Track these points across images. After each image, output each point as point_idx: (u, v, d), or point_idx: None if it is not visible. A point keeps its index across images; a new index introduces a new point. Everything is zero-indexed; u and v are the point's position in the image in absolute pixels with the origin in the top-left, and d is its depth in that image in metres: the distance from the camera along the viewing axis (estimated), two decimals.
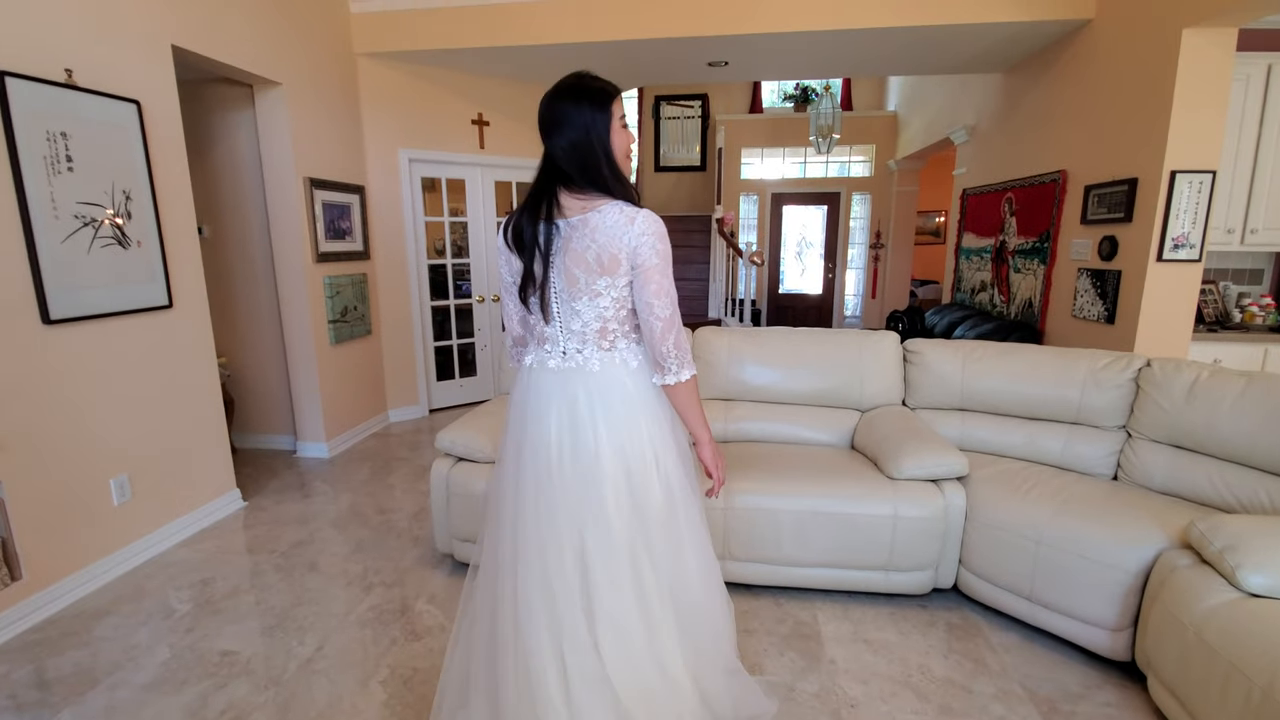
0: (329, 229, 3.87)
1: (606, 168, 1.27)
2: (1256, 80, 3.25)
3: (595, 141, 1.25)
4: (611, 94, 1.28)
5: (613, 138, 1.27)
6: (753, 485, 2.28)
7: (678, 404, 1.36)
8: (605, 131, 1.26)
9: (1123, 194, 3.19)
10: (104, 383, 2.49)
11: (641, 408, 1.33)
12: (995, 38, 3.87)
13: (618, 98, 1.29)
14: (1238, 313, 3.64)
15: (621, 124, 1.29)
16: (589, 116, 1.25)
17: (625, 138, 1.31)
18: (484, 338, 5.07)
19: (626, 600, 1.29)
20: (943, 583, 2.29)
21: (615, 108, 1.28)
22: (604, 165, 1.27)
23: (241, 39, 3.17)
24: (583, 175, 1.27)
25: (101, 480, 2.48)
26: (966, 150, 5.44)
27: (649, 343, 1.31)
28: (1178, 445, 2.22)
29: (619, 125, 1.29)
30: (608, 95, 1.27)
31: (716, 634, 1.48)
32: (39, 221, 2.20)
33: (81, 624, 2.21)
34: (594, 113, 1.25)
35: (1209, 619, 1.53)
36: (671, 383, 1.31)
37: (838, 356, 2.76)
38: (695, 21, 3.79)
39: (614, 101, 1.28)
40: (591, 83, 1.28)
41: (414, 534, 2.86)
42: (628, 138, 1.32)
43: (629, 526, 1.29)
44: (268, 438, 4.07)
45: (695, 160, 8.81)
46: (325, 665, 1.99)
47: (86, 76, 2.39)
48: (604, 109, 1.26)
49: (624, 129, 1.30)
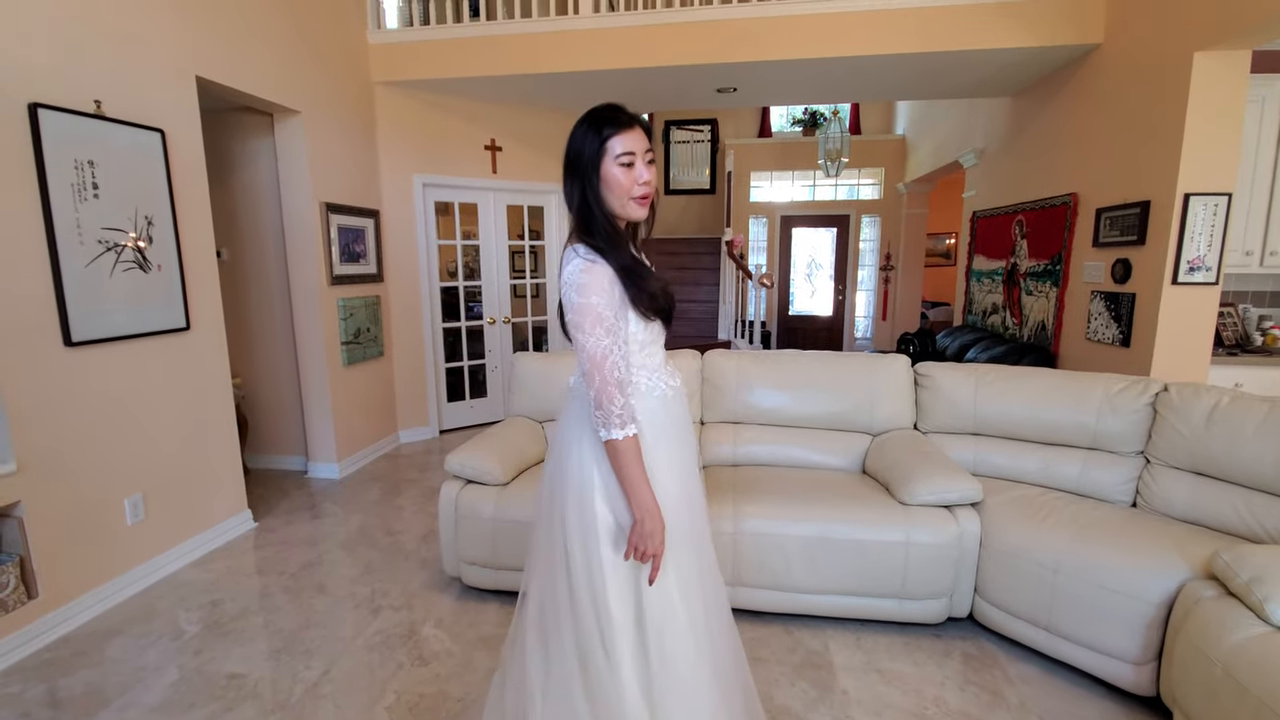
0: (344, 252, 3.93)
1: (579, 203, 1.22)
2: (1272, 102, 3.24)
3: (579, 174, 1.21)
4: (609, 127, 1.19)
5: (603, 171, 1.20)
6: (762, 510, 2.25)
7: (610, 464, 1.21)
8: (592, 166, 1.20)
9: (1135, 217, 3.18)
10: (122, 403, 2.52)
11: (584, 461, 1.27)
12: (1003, 63, 3.90)
13: (619, 133, 1.19)
14: (1259, 336, 3.58)
15: (621, 161, 1.19)
16: (579, 144, 1.20)
17: (623, 176, 1.19)
18: (495, 359, 5.10)
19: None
20: (958, 611, 2.24)
21: (614, 143, 1.18)
22: (576, 199, 1.22)
23: (263, 69, 3.27)
24: (568, 207, 1.25)
25: (116, 500, 2.51)
26: (976, 173, 5.45)
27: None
28: (1199, 472, 2.18)
29: (614, 161, 1.19)
30: (602, 127, 1.19)
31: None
32: (65, 247, 2.26)
33: (93, 644, 2.22)
34: (584, 142, 1.20)
35: (1238, 654, 1.48)
36: (603, 437, 1.19)
37: (848, 380, 2.75)
38: (704, 49, 3.86)
39: (614, 137, 1.18)
40: (597, 112, 1.21)
41: (422, 556, 2.86)
42: (627, 177, 1.19)
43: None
44: (279, 458, 4.10)
45: (705, 183, 8.89)
46: (331, 690, 1.97)
47: (114, 107, 2.47)
48: (598, 139, 1.19)
49: (626, 167, 1.19)
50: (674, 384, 1.36)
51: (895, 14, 3.65)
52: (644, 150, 1.21)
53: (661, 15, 3.86)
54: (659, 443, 1.28)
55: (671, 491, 1.27)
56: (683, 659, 1.25)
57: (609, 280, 1.18)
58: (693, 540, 1.32)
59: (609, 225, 1.24)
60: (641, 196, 1.22)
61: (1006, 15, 3.54)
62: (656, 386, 1.31)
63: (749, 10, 3.79)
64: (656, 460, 1.25)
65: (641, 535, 1.18)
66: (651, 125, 1.52)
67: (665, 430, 1.30)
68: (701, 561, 1.35)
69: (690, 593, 1.28)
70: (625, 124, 1.20)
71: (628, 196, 1.21)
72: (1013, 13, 3.53)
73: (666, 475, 1.27)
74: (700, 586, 1.32)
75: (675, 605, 1.25)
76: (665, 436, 1.30)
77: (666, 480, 1.26)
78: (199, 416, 2.91)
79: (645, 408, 1.27)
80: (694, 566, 1.31)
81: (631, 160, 1.20)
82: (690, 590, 1.29)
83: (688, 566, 1.29)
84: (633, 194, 1.21)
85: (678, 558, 1.26)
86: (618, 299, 1.20)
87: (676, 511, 1.26)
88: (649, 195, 1.24)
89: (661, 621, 1.24)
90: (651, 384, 1.30)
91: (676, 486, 1.29)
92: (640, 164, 1.21)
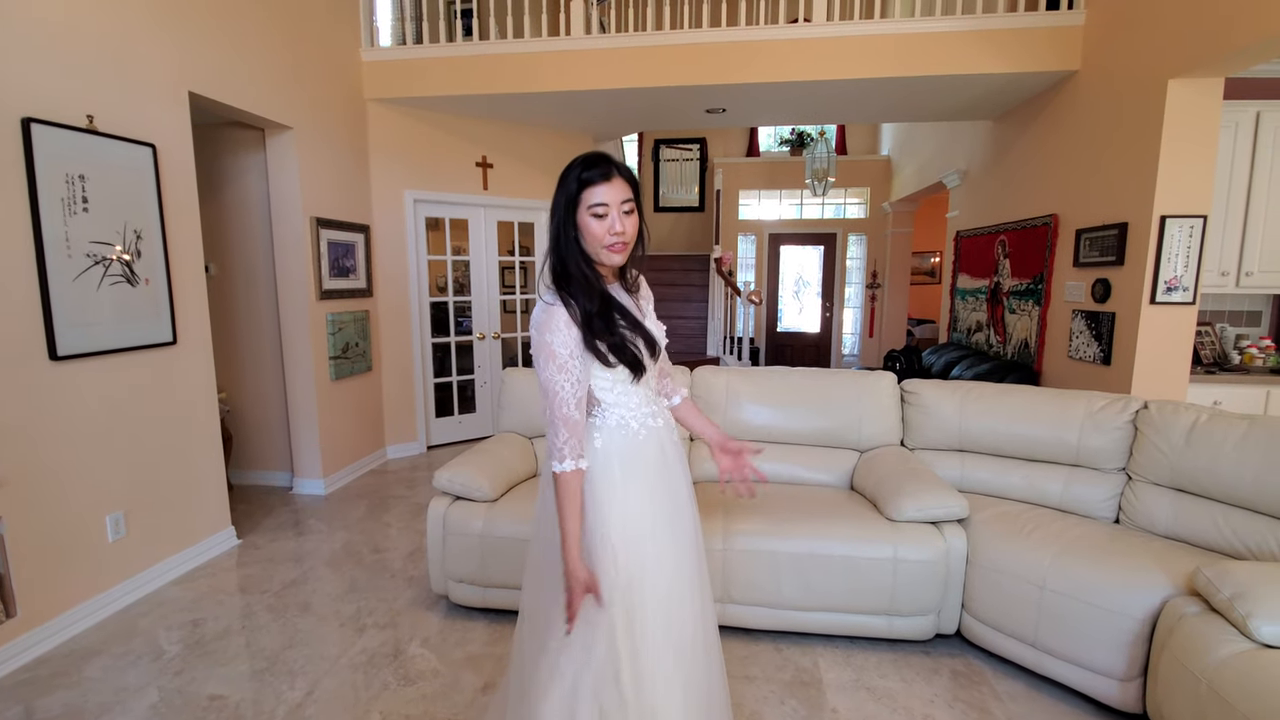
0: (333, 267, 3.93)
1: (553, 243, 1.27)
2: (1246, 127, 3.35)
3: (558, 216, 1.26)
4: (587, 174, 1.22)
5: (579, 219, 1.24)
6: (751, 526, 2.26)
7: (562, 516, 1.24)
8: (569, 212, 1.24)
9: (1114, 238, 3.25)
10: (106, 418, 2.49)
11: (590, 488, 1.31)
12: (984, 88, 4.00)
13: (596, 185, 1.21)
14: (1236, 354, 3.66)
15: (594, 212, 1.22)
16: (561, 188, 1.25)
17: (596, 226, 1.23)
18: (484, 374, 5.09)
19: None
20: (946, 628, 2.25)
21: (588, 193, 1.22)
22: (550, 240, 1.28)
23: (256, 85, 3.29)
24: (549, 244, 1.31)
25: (98, 517, 2.47)
26: (959, 194, 5.56)
27: None
28: (1180, 489, 2.21)
29: (587, 211, 1.22)
30: (581, 174, 1.22)
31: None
32: (53, 261, 2.25)
33: (72, 663, 2.17)
34: (565, 187, 1.24)
35: (1222, 670, 1.50)
36: (553, 469, 1.26)
37: (836, 396, 2.77)
38: (694, 71, 3.93)
39: (590, 187, 1.22)
40: (582, 160, 1.25)
41: (409, 574, 2.82)
42: (600, 226, 1.22)
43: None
44: (264, 474, 4.05)
45: (694, 201, 8.99)
46: (314, 711, 1.94)
47: (107, 121, 2.47)
48: (576, 186, 1.23)
49: (598, 218, 1.22)
50: (654, 424, 1.37)
51: (879, 39, 3.74)
52: (620, 201, 1.23)
53: (652, 37, 3.93)
54: (630, 479, 1.32)
55: (641, 529, 1.31)
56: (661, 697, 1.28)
57: (564, 322, 1.23)
58: (674, 569, 1.34)
59: (584, 269, 1.27)
60: (613, 245, 1.25)
61: (986, 42, 3.64)
62: (628, 425, 1.34)
63: (738, 34, 3.87)
64: (625, 495, 1.30)
65: (571, 581, 1.22)
66: (638, 176, 1.52)
67: (636, 468, 1.33)
68: (688, 606, 1.35)
69: (657, 640, 1.29)
70: (603, 174, 1.22)
71: (600, 245, 1.25)
72: (992, 39, 3.64)
73: (637, 511, 1.31)
74: (682, 634, 1.33)
75: (641, 650, 1.27)
76: (637, 474, 1.33)
77: (636, 516, 1.30)
78: (184, 432, 2.87)
79: (615, 444, 1.32)
80: (664, 608, 1.31)
81: (605, 211, 1.22)
82: (657, 638, 1.29)
83: (653, 609, 1.29)
84: (605, 243, 1.24)
85: (640, 598, 1.27)
86: (574, 341, 1.24)
87: (640, 544, 1.29)
88: (624, 245, 1.26)
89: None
90: (623, 421, 1.33)
91: (648, 524, 1.32)
92: (615, 215, 1.23)
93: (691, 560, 1.39)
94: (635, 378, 1.32)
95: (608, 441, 1.32)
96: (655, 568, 1.31)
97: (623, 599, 1.25)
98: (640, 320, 1.34)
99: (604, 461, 1.30)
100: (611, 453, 1.32)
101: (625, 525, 1.29)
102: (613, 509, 1.29)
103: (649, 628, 1.28)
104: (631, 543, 1.28)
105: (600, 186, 1.22)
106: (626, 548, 1.28)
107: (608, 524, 1.28)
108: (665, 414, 1.44)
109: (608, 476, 1.30)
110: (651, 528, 1.32)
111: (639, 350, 1.30)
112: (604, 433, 1.33)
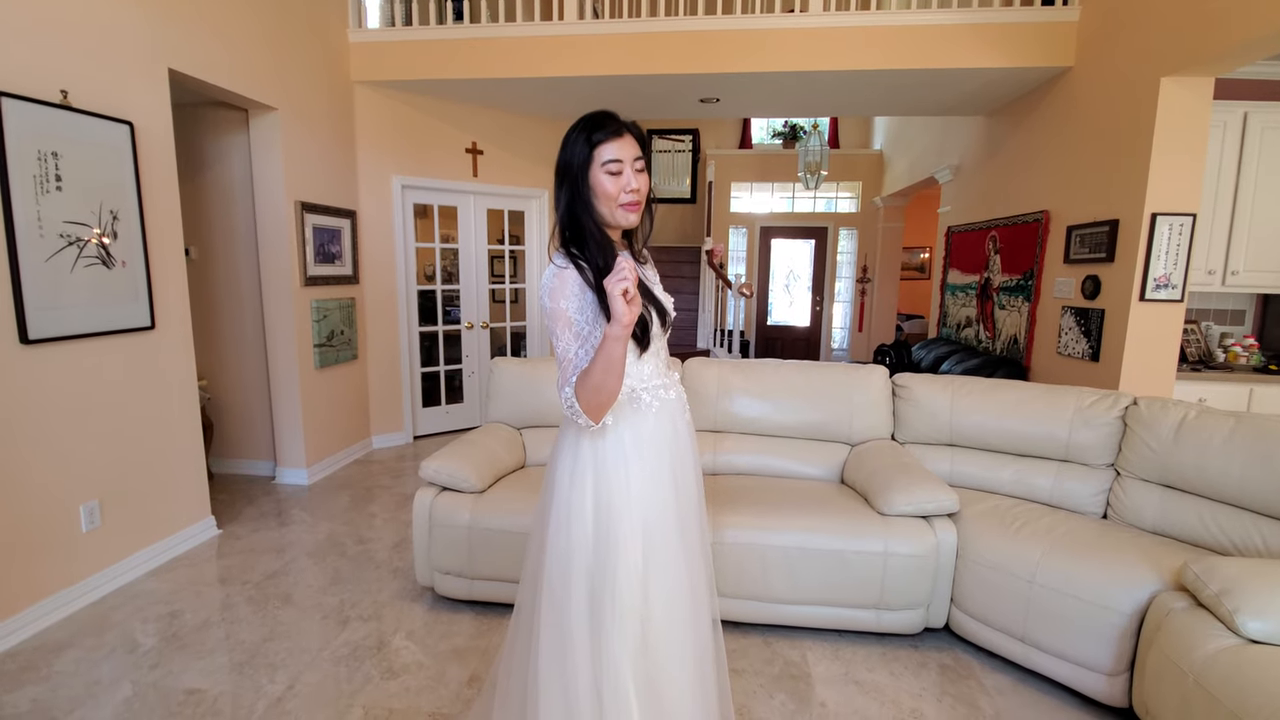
0: (318, 253, 3.85)
1: (565, 209, 1.23)
2: (1234, 127, 3.37)
3: (569, 180, 1.22)
4: (598, 133, 1.20)
5: (591, 178, 1.21)
6: (741, 520, 2.24)
7: (597, 370, 1.14)
8: (581, 172, 1.21)
9: (1104, 235, 3.26)
10: (80, 404, 2.42)
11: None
12: (978, 82, 3.99)
13: (608, 140, 1.19)
14: (1220, 353, 3.69)
15: (609, 169, 1.20)
16: (569, 150, 1.22)
17: (610, 183, 1.20)
18: (472, 364, 5.03)
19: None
20: (934, 622, 2.25)
21: (602, 150, 1.19)
22: (563, 206, 1.23)
23: (239, 64, 3.19)
24: (556, 212, 1.27)
25: (71, 506, 2.40)
26: (951, 189, 5.56)
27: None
28: (1168, 485, 2.22)
29: (601, 168, 1.20)
30: (591, 133, 1.20)
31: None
32: (24, 240, 2.17)
33: (41, 657, 2.10)
34: (574, 149, 1.21)
35: (1210, 666, 1.50)
36: (582, 425, 1.21)
37: (827, 390, 2.76)
38: (688, 59, 3.88)
39: (603, 144, 1.19)
40: (588, 119, 1.22)
41: (394, 566, 2.78)
42: (614, 184, 1.20)
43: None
44: (246, 463, 3.98)
45: (685, 193, 8.93)
46: (295, 705, 1.90)
47: (82, 97, 2.38)
48: (587, 145, 1.20)
49: (613, 175, 1.20)
50: (667, 396, 1.34)
51: (874, 31, 3.71)
52: (633, 158, 1.22)
53: (646, 24, 3.87)
54: (640, 458, 1.28)
55: (652, 501, 1.27)
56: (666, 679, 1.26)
57: (579, 286, 1.20)
58: (682, 552, 1.31)
59: (598, 233, 1.24)
60: (629, 203, 1.22)
61: (982, 36, 3.63)
62: (640, 398, 1.30)
63: (733, 22, 3.82)
64: (630, 469, 1.26)
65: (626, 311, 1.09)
66: (646, 134, 1.51)
67: (644, 441, 1.30)
68: (691, 575, 1.33)
69: (674, 602, 1.28)
70: (614, 131, 1.21)
71: (615, 204, 1.22)
72: (988, 34, 3.62)
73: (639, 484, 1.27)
74: (686, 597, 1.31)
75: (657, 619, 1.25)
76: (648, 454, 1.29)
77: (640, 489, 1.26)
78: (162, 419, 2.80)
79: (625, 418, 1.29)
80: (682, 577, 1.30)
81: (620, 168, 1.21)
82: (675, 600, 1.28)
83: (674, 577, 1.28)
84: (620, 201, 1.22)
85: (660, 560, 1.26)
86: (590, 306, 1.20)
87: (647, 508, 1.26)
88: (638, 202, 1.24)
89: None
90: (633, 395, 1.30)
91: (655, 493, 1.28)
92: (629, 171, 1.21)
93: (697, 548, 1.37)
94: (641, 349, 1.28)
95: (618, 416, 1.28)
96: (662, 557, 1.27)
97: (626, 585, 1.23)
98: (650, 288, 1.32)
99: (614, 438, 1.27)
100: (623, 428, 1.27)
101: (633, 509, 1.25)
102: (629, 490, 1.25)
103: (655, 618, 1.25)
104: (639, 526, 1.25)
105: (613, 142, 1.20)
106: (634, 535, 1.24)
107: (615, 507, 1.25)
108: (678, 387, 1.41)
109: (619, 453, 1.26)
110: (662, 497, 1.29)
111: (649, 316, 1.27)
112: (613, 407, 1.27)
